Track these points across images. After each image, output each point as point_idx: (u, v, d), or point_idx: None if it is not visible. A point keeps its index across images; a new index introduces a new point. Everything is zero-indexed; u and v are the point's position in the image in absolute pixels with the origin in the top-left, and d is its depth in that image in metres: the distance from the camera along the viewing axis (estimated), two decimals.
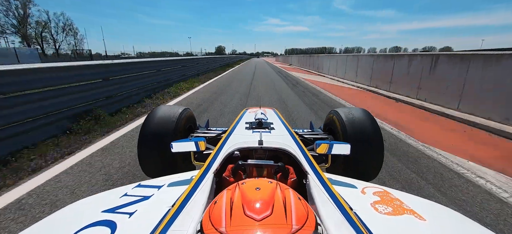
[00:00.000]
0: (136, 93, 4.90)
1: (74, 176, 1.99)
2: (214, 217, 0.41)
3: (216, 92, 6.72)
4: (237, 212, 0.41)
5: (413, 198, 0.75)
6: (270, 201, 0.42)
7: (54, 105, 2.88)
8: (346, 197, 0.73)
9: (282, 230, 0.38)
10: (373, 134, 1.45)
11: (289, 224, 0.39)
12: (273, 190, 0.46)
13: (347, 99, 5.87)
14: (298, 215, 0.41)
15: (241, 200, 0.43)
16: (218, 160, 0.93)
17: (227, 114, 4.20)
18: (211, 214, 0.42)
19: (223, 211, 0.42)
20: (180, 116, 1.59)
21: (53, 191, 1.79)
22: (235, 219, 0.40)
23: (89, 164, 2.21)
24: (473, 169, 2.25)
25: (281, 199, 0.44)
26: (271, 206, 0.41)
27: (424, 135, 3.18)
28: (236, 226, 0.39)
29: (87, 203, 0.72)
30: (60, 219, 0.64)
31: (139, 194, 0.75)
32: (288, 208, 0.42)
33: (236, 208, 0.42)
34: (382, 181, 2.01)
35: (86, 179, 1.95)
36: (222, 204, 0.44)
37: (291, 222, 0.39)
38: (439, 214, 0.69)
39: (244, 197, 0.44)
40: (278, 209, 0.41)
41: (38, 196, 1.72)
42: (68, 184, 1.88)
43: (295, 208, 0.42)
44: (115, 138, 2.90)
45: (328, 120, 1.79)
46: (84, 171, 2.09)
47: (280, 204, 0.42)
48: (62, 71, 3.12)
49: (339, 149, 1.06)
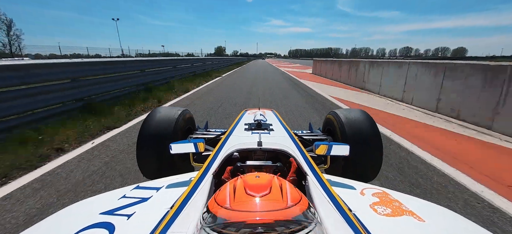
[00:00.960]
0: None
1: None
2: (219, 199, 0.47)
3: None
4: (239, 192, 0.48)
5: (412, 199, 0.77)
6: (268, 184, 0.49)
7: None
8: (345, 198, 0.74)
9: (279, 204, 0.44)
10: (372, 135, 1.48)
11: (284, 201, 0.45)
12: (271, 178, 0.52)
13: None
14: (293, 196, 0.47)
15: (243, 185, 0.49)
16: (217, 161, 0.95)
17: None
18: (216, 198, 0.48)
19: (227, 193, 0.48)
20: (179, 118, 1.62)
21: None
22: (238, 197, 0.46)
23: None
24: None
25: (278, 184, 0.50)
26: (269, 188, 0.48)
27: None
28: (239, 201, 0.45)
29: (85, 205, 0.73)
30: (57, 221, 0.65)
31: (138, 196, 0.76)
32: (284, 191, 0.48)
33: (238, 190, 0.48)
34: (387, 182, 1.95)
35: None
36: (226, 189, 0.50)
37: (287, 199, 0.45)
38: (439, 215, 0.69)
39: (245, 183, 0.50)
40: (275, 190, 0.48)
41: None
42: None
43: (290, 192, 0.48)
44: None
45: (326, 121, 1.83)
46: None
47: (277, 187, 0.49)
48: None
49: (338, 150, 1.08)
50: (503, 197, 1.85)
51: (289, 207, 0.44)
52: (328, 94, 6.69)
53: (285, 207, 0.44)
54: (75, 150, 2.69)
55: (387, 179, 2.10)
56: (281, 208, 0.43)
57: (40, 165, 2.32)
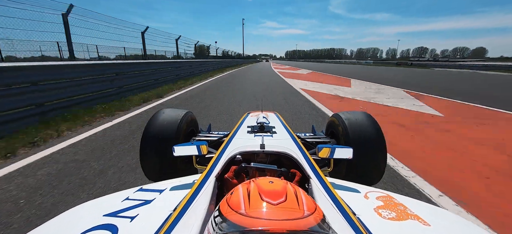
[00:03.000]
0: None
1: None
2: (232, 202, 0.48)
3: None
4: (254, 198, 0.48)
5: (417, 203, 0.79)
6: (283, 191, 0.50)
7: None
8: (349, 202, 0.77)
9: (296, 213, 0.45)
10: (376, 137, 1.52)
11: (301, 209, 0.46)
12: (285, 185, 0.53)
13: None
14: (308, 205, 0.48)
15: (257, 190, 0.50)
16: (220, 164, 1.00)
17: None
18: (228, 201, 0.49)
19: (241, 198, 0.48)
20: (182, 120, 1.69)
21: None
22: (253, 203, 0.47)
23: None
24: None
25: (293, 191, 0.51)
26: (285, 195, 0.49)
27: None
28: (254, 208, 0.45)
29: (88, 207, 0.77)
30: (61, 224, 0.68)
31: (141, 198, 0.80)
32: (299, 199, 0.49)
33: (253, 195, 0.48)
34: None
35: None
36: (239, 193, 0.50)
37: (303, 208, 0.46)
38: (444, 220, 0.72)
39: (259, 188, 0.50)
40: (291, 197, 0.49)
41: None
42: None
43: (305, 200, 0.49)
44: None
45: (330, 124, 1.88)
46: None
47: (292, 194, 0.50)
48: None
49: (342, 153, 1.13)
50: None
51: (305, 217, 0.45)
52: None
53: (302, 216, 0.44)
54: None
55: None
56: (298, 218, 0.44)
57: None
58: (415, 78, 13.92)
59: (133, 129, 3.82)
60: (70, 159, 2.67)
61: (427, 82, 11.91)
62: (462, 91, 8.36)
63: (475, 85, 10.54)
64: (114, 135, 3.52)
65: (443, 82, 12.01)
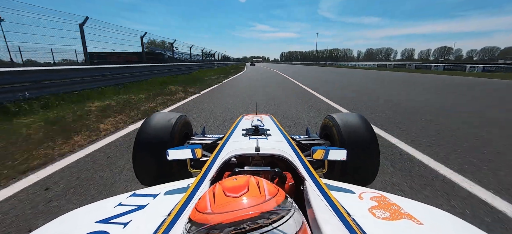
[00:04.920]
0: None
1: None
2: (200, 206, 0.52)
3: None
4: (219, 196, 0.52)
5: (410, 202, 0.83)
6: (245, 184, 0.54)
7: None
8: (344, 203, 0.81)
9: (258, 199, 0.50)
10: (369, 139, 1.58)
11: (262, 195, 0.51)
12: (248, 178, 0.58)
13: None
14: (270, 190, 0.53)
15: (221, 189, 0.54)
16: (214, 167, 1.04)
17: None
18: (197, 206, 0.53)
19: (207, 199, 0.52)
20: (176, 123, 1.73)
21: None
22: (218, 201, 0.51)
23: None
24: None
25: (255, 182, 0.56)
26: (247, 187, 0.53)
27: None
28: (219, 205, 0.49)
29: (80, 214, 0.78)
30: (52, 231, 0.69)
31: (134, 204, 0.81)
32: (261, 187, 0.54)
33: (218, 195, 0.53)
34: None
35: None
36: (206, 196, 0.54)
37: (265, 194, 0.52)
38: (437, 219, 0.75)
39: (224, 186, 0.55)
40: (253, 187, 0.54)
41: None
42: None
43: (266, 186, 0.55)
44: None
45: (324, 126, 1.95)
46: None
47: (254, 185, 0.54)
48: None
49: (335, 155, 1.19)
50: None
51: (267, 200, 0.50)
52: None
53: (264, 200, 0.50)
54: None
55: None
56: (260, 202, 0.49)
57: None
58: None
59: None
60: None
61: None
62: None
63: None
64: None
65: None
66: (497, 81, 14.86)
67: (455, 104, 6.54)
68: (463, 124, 4.39)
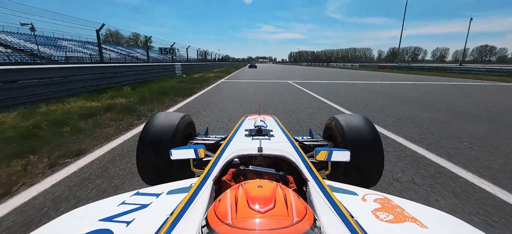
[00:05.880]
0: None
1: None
2: (220, 211, 0.49)
3: None
4: (242, 206, 0.49)
5: (414, 205, 0.82)
6: (272, 197, 0.51)
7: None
8: (347, 205, 0.81)
9: (284, 221, 0.46)
10: (373, 140, 1.57)
11: (290, 216, 0.47)
12: (275, 188, 0.55)
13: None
14: (298, 209, 0.50)
15: (245, 197, 0.51)
16: (217, 167, 1.06)
17: None
18: (216, 209, 0.50)
19: (228, 206, 0.50)
20: (179, 123, 1.77)
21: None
22: (241, 212, 0.48)
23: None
24: None
25: (282, 195, 0.53)
26: (273, 201, 0.50)
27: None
28: (241, 218, 0.47)
29: (84, 212, 0.79)
30: (56, 228, 0.71)
31: (137, 202, 0.82)
32: (288, 203, 0.50)
33: (240, 203, 0.50)
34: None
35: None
36: (227, 201, 0.52)
37: (292, 214, 0.48)
38: (442, 222, 0.74)
39: (247, 194, 0.52)
40: (280, 203, 0.50)
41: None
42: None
43: (295, 204, 0.51)
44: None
45: (327, 127, 1.95)
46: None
47: (281, 200, 0.51)
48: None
49: (339, 156, 1.17)
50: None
51: (295, 224, 0.46)
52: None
53: (291, 224, 0.46)
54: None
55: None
56: (287, 226, 0.45)
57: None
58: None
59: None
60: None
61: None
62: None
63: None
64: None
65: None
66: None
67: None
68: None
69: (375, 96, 8.43)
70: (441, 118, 5.06)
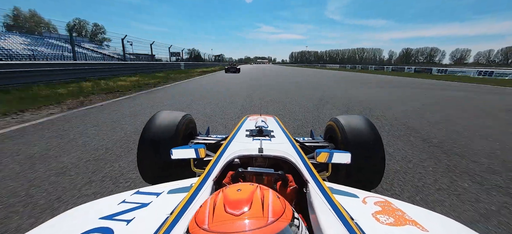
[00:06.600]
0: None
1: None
2: (199, 217, 0.51)
3: None
4: (218, 210, 0.50)
5: (415, 208, 0.82)
6: (249, 199, 0.52)
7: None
8: (347, 207, 0.81)
9: (259, 221, 0.47)
10: (374, 142, 1.57)
11: (265, 216, 0.48)
12: (253, 190, 0.55)
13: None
14: (275, 209, 0.50)
15: (223, 201, 0.52)
16: (217, 167, 1.07)
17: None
18: (196, 216, 0.52)
19: (206, 212, 0.51)
20: (181, 122, 1.80)
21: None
22: (217, 216, 0.49)
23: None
24: None
25: (260, 197, 0.53)
26: (249, 203, 0.50)
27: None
28: (217, 222, 0.48)
29: (84, 210, 0.80)
30: (56, 226, 0.71)
31: (137, 201, 0.84)
32: (265, 204, 0.51)
33: (218, 208, 0.51)
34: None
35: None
36: (206, 206, 0.53)
37: (268, 215, 0.48)
38: (442, 225, 0.75)
39: (225, 198, 0.53)
40: (256, 205, 0.50)
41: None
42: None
43: (272, 204, 0.51)
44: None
45: (328, 128, 1.96)
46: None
47: (258, 201, 0.51)
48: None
49: (340, 158, 1.18)
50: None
51: (270, 224, 0.47)
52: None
53: (266, 224, 0.46)
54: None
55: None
56: (261, 226, 0.46)
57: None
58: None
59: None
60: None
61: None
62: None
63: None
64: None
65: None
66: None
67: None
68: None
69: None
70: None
